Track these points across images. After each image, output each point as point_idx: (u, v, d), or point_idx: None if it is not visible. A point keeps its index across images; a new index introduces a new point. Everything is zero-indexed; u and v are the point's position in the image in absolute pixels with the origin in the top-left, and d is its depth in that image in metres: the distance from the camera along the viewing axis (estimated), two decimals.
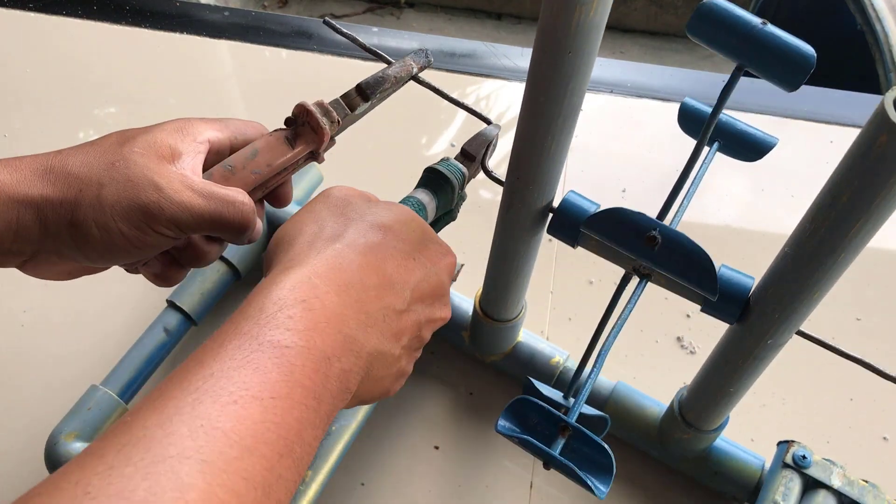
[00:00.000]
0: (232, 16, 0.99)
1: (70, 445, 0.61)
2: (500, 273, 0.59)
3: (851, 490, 0.58)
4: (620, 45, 2.30)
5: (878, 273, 0.79)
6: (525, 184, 0.50)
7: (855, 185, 0.37)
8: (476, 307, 0.64)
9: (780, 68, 0.43)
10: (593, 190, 0.84)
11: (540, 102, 0.44)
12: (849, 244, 0.40)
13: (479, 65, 0.95)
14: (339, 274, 0.38)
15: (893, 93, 0.35)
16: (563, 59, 0.41)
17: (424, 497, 0.65)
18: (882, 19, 1.25)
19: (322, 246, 0.39)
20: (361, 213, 0.42)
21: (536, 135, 0.46)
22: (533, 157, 0.48)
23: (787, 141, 0.88)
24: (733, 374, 0.52)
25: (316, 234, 0.40)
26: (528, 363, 0.67)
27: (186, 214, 0.42)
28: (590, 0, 0.38)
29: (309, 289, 0.36)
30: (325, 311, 0.36)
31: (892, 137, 0.34)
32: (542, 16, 0.41)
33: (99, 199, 0.41)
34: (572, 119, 0.46)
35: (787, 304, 0.45)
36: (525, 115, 0.46)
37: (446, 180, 0.51)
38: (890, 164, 0.35)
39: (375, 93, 0.51)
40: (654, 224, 0.43)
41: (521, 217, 0.52)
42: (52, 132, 0.87)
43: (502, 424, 0.46)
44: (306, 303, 0.35)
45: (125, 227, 0.41)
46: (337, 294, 0.37)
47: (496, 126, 0.55)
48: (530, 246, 0.55)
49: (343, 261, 0.39)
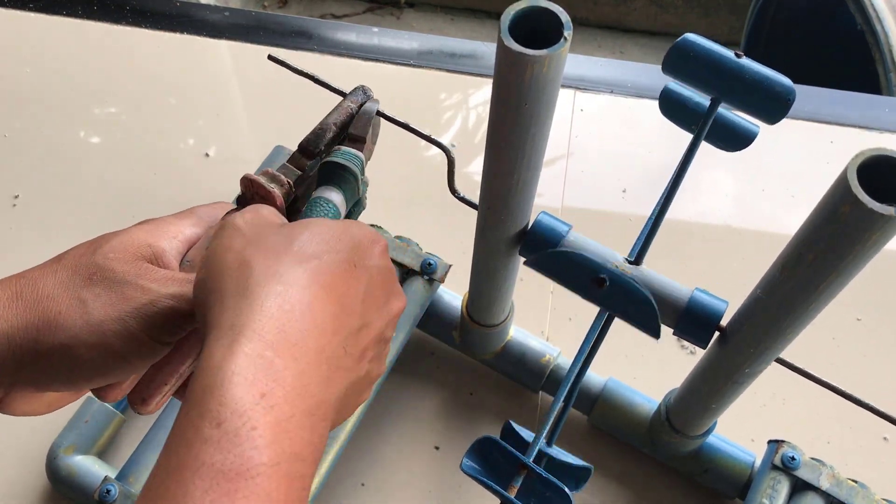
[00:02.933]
0: (232, 16, 0.99)
1: (69, 459, 0.62)
2: (482, 287, 0.59)
3: (839, 491, 0.58)
4: (620, 45, 2.30)
5: (878, 273, 0.79)
6: (496, 213, 0.50)
7: (820, 247, 0.37)
8: (463, 312, 0.65)
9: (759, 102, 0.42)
10: (593, 190, 0.84)
11: (501, 147, 0.44)
12: (817, 298, 0.40)
13: (479, 65, 0.94)
14: (290, 328, 0.33)
15: (858, 160, 0.34)
16: (519, 112, 0.41)
17: (424, 497, 0.64)
18: (882, 19, 1.25)
19: (260, 293, 0.33)
20: (285, 239, 0.37)
21: (501, 174, 0.46)
22: (501, 192, 0.48)
23: (788, 141, 0.88)
24: (714, 394, 0.53)
25: (245, 278, 0.34)
26: (519, 361, 0.67)
27: (184, 304, 0.38)
28: (541, 59, 0.37)
29: (264, 374, 0.31)
30: (287, 398, 0.31)
31: (855, 208, 0.34)
32: (497, 67, 0.40)
33: (86, 319, 0.37)
34: (537, 159, 0.45)
35: (760, 340, 0.45)
36: (489, 155, 0.46)
37: (347, 171, 0.47)
38: (853, 233, 0.35)
39: (319, 146, 0.49)
40: (601, 269, 0.42)
41: (496, 241, 0.52)
42: (51, 132, 0.87)
43: (467, 464, 0.46)
44: (266, 398, 0.31)
45: (118, 342, 0.37)
46: (294, 360, 0.32)
47: (375, 101, 0.52)
48: (508, 264, 0.56)
49: (290, 306, 0.34)
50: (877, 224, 0.34)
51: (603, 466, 0.66)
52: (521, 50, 0.37)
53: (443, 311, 0.69)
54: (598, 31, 2.32)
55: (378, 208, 0.65)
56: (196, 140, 0.88)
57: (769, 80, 0.41)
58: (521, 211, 0.50)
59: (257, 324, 0.32)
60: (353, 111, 0.52)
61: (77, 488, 0.62)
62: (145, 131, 0.88)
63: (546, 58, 0.37)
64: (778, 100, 0.41)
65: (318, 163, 0.49)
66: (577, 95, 0.92)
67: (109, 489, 0.58)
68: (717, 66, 0.42)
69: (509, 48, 0.37)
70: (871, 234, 0.34)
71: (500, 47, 0.38)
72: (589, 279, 0.41)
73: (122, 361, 0.38)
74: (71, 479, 0.62)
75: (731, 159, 0.88)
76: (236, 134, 0.90)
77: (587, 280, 0.41)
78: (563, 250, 0.42)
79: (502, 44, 0.37)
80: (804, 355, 0.73)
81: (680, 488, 0.65)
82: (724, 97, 0.44)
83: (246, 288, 0.34)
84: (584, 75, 0.93)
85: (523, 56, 0.37)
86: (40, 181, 0.84)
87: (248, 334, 0.32)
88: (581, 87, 0.92)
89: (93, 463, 0.63)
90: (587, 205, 0.84)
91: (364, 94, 0.53)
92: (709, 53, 0.43)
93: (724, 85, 0.43)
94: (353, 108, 0.52)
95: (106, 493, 0.58)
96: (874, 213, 0.33)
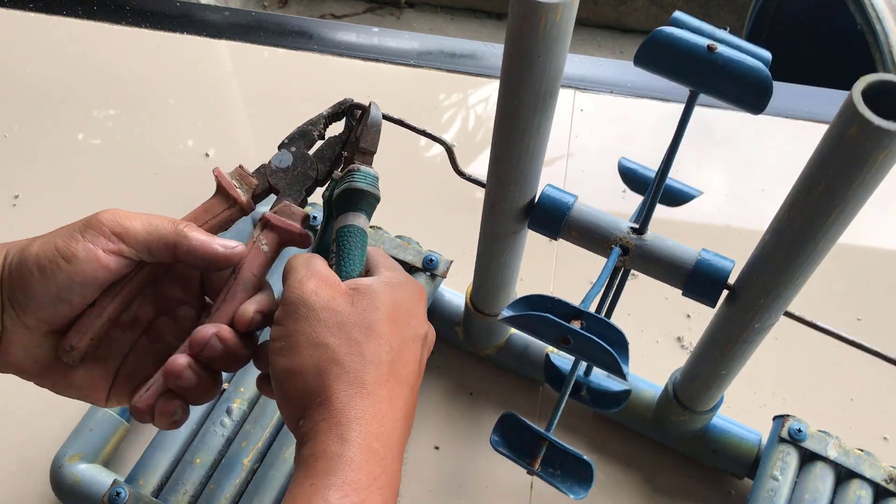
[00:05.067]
0: (232, 16, 0.99)
1: (75, 468, 0.61)
2: (488, 270, 0.59)
3: (847, 460, 0.60)
4: (620, 45, 2.30)
5: (878, 273, 0.79)
6: (505, 185, 0.50)
7: (829, 175, 0.38)
8: (467, 302, 0.65)
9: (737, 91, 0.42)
10: (593, 190, 0.84)
11: (514, 106, 0.44)
12: (827, 231, 0.40)
13: (479, 65, 0.95)
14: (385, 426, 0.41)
15: (861, 84, 0.35)
16: (533, 64, 0.41)
17: (424, 497, 0.65)
18: (882, 19, 1.25)
19: (349, 385, 0.40)
20: (362, 325, 0.42)
21: (512, 138, 0.46)
22: (511, 159, 0.48)
23: (788, 141, 0.88)
24: (724, 357, 0.53)
25: (331, 361, 0.41)
26: (523, 354, 0.67)
27: (119, 218, 0.44)
28: (555, 6, 0.38)
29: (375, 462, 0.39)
30: (389, 483, 0.40)
31: (862, 129, 0.35)
32: (510, 22, 0.41)
33: (40, 240, 0.43)
34: (547, 120, 0.46)
35: (771, 290, 0.46)
36: (500, 119, 0.46)
37: (371, 196, 0.49)
38: (861, 155, 0.36)
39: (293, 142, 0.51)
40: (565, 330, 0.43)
41: (504, 216, 0.53)
42: (51, 132, 0.87)
43: (495, 440, 0.49)
44: (377, 481, 0.39)
45: (59, 240, 0.42)
46: (390, 448, 0.41)
47: (376, 106, 0.52)
48: (516, 242, 0.56)
49: (379, 406, 0.41)
50: (884, 142, 0.35)
51: (608, 453, 0.66)
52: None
53: (444, 309, 0.69)
54: (598, 31, 2.32)
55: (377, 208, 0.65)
56: (196, 140, 0.88)
57: (745, 71, 0.41)
58: (530, 181, 0.50)
59: (363, 421, 0.39)
60: (326, 119, 0.52)
61: (83, 497, 0.60)
62: (145, 131, 0.88)
63: (560, 6, 0.38)
64: (756, 91, 0.41)
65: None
66: (577, 95, 0.92)
67: (119, 492, 0.57)
68: (691, 60, 0.42)
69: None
70: (879, 153, 0.35)
71: (513, 1, 0.39)
72: (557, 337, 0.44)
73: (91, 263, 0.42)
74: (77, 487, 0.61)
75: (731, 159, 0.88)
76: (236, 134, 0.90)
77: (556, 337, 0.44)
78: (535, 314, 0.44)
79: None
80: (805, 355, 0.73)
81: (686, 471, 0.66)
82: (703, 90, 0.44)
83: (339, 378, 0.40)
84: (584, 75, 0.93)
85: (538, 5, 0.38)
86: (40, 181, 0.84)
87: (357, 429, 0.39)
88: (581, 87, 0.92)
89: (99, 471, 0.62)
90: (587, 205, 0.83)
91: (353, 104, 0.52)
92: (682, 47, 0.43)
93: (700, 78, 0.43)
94: (326, 114, 0.52)
95: (116, 496, 0.57)
96: (881, 129, 0.34)
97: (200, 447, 0.61)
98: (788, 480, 0.59)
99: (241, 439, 0.61)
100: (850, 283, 0.77)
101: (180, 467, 0.60)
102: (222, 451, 0.61)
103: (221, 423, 0.62)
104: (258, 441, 0.61)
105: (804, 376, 0.72)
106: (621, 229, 0.50)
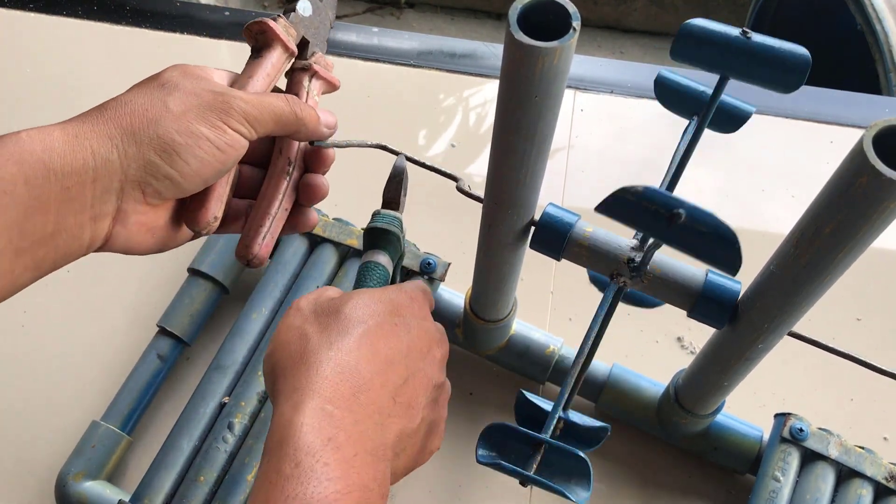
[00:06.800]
0: (232, 16, 0.99)
1: (79, 485, 0.61)
2: (486, 282, 0.59)
3: (848, 459, 0.60)
4: (620, 45, 2.30)
5: (878, 273, 0.79)
6: (503, 207, 0.49)
7: (837, 219, 0.37)
8: (466, 308, 0.64)
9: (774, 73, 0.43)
10: (593, 190, 0.84)
11: (510, 142, 0.44)
12: (834, 269, 0.40)
13: (479, 65, 0.94)
14: (344, 386, 0.40)
15: (872, 131, 0.35)
16: (530, 104, 0.40)
17: (424, 497, 0.65)
18: (882, 19, 1.25)
19: (315, 361, 0.41)
20: (335, 312, 0.44)
21: (509, 168, 0.46)
22: (508, 185, 0.47)
23: (788, 141, 0.88)
24: (725, 372, 0.53)
25: (304, 348, 0.42)
26: (524, 354, 0.67)
27: (250, 106, 0.45)
28: (552, 50, 0.37)
29: (328, 422, 0.38)
30: (349, 440, 0.38)
31: (872, 179, 0.34)
32: (504, 65, 0.39)
33: (169, 111, 0.42)
34: (545, 150, 0.45)
35: (775, 316, 0.45)
36: (497, 150, 0.46)
37: (391, 234, 0.53)
38: (871, 203, 0.35)
39: None
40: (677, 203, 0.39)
41: (502, 235, 0.52)
42: None
43: (481, 454, 0.47)
44: (332, 441, 0.38)
45: (205, 128, 0.43)
46: (351, 411, 0.40)
47: (403, 156, 0.57)
48: (514, 258, 0.55)
49: (342, 368, 0.41)
50: (894, 192, 0.34)
51: (611, 451, 0.66)
52: (533, 43, 0.37)
53: (444, 310, 0.69)
54: (598, 31, 2.32)
55: None
56: None
57: (784, 53, 0.42)
58: (529, 203, 0.50)
59: (316, 384, 0.40)
60: None
61: None
62: None
63: (557, 49, 0.37)
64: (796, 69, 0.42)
65: None
66: (577, 95, 0.92)
67: None
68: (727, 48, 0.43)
69: (520, 42, 0.37)
70: (889, 202, 0.35)
71: (509, 42, 0.38)
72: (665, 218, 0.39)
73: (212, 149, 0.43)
74: None
75: (731, 160, 0.88)
76: None
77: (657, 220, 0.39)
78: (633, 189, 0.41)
79: (512, 38, 0.37)
80: (805, 355, 0.73)
81: (689, 468, 0.66)
82: (737, 75, 0.44)
83: (304, 356, 0.41)
84: (584, 75, 0.93)
85: (534, 49, 0.37)
86: None
87: (310, 393, 0.39)
88: (581, 87, 0.92)
89: (104, 488, 0.61)
90: (588, 205, 0.83)
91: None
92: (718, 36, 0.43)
93: (737, 64, 0.43)
94: None
95: None
96: (892, 182, 0.34)
97: (204, 464, 0.61)
98: (790, 481, 0.59)
99: (243, 455, 0.61)
100: (850, 283, 0.77)
101: (184, 485, 0.60)
102: (225, 468, 0.61)
103: (224, 438, 0.62)
104: (260, 456, 0.61)
105: (804, 376, 0.72)
106: (624, 251, 0.49)
